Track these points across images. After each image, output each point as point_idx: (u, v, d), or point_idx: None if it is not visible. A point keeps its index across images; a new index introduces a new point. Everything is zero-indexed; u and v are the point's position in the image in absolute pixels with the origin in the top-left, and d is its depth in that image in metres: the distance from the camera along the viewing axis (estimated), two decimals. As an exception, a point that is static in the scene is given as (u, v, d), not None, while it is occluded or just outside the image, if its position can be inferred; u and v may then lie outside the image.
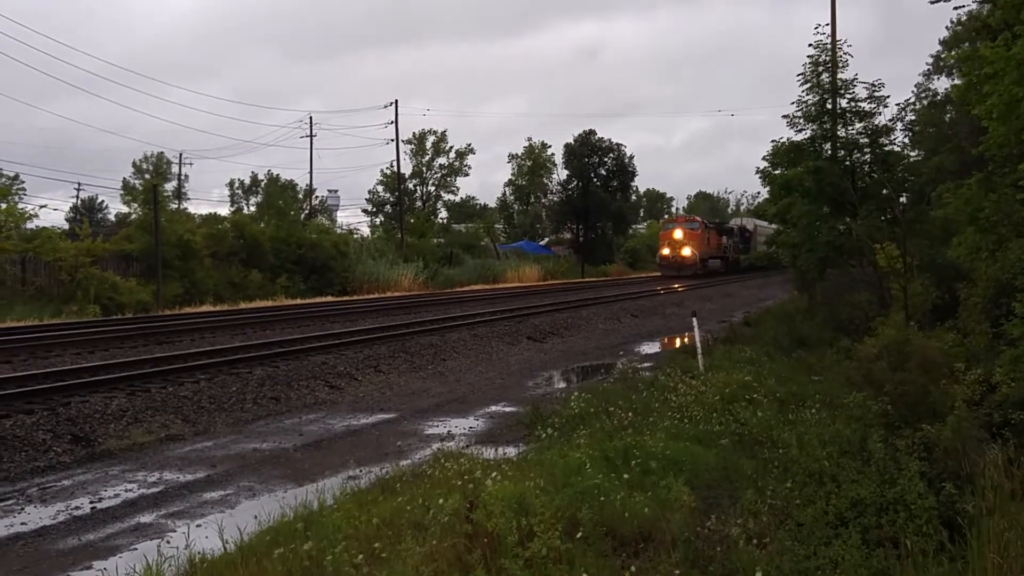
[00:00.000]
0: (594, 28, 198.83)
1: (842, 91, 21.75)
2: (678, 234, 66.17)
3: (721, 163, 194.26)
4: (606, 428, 10.70)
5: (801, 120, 22.17)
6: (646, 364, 18.54)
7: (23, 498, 9.77)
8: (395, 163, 77.46)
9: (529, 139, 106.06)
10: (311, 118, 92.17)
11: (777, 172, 23.28)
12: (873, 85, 21.30)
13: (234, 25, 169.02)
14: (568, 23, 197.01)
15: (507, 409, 14.82)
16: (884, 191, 21.28)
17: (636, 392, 13.39)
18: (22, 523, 8.88)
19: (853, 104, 21.63)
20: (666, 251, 66.75)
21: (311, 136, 76.30)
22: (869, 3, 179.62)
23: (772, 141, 23.23)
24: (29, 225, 41.01)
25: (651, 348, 23.41)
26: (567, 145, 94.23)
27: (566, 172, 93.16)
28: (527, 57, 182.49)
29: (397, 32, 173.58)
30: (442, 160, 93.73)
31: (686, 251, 65.10)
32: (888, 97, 21.33)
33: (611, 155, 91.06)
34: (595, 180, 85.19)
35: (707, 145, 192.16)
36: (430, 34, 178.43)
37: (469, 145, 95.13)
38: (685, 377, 14.02)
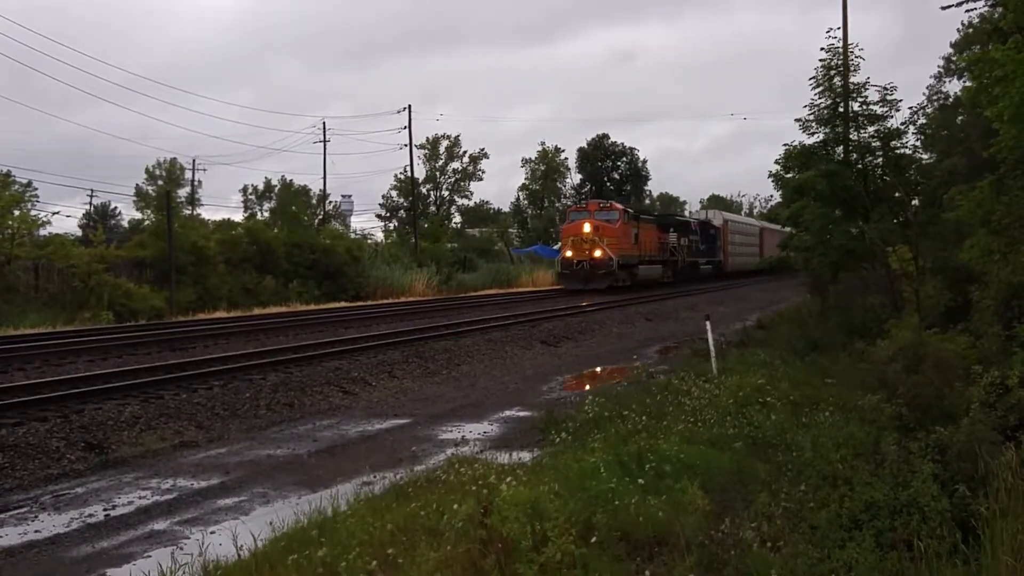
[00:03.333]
0: (621, 34, 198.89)
1: (854, 95, 21.74)
2: (587, 228, 45.70)
3: (742, 167, 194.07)
4: (620, 432, 10.69)
5: (813, 124, 22.17)
6: (660, 368, 18.51)
7: (37, 506, 9.80)
8: (408, 168, 77.56)
9: (543, 143, 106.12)
10: (324, 123, 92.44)
11: (790, 175, 23.28)
12: (885, 88, 21.30)
13: (264, 35, 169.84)
14: (595, 30, 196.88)
15: (521, 414, 14.83)
16: (896, 194, 21.27)
17: (650, 396, 13.37)
18: (36, 531, 8.91)
19: (865, 108, 21.61)
20: (569, 252, 46.39)
21: (324, 141, 76.49)
22: (892, 7, 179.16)
23: (784, 145, 23.24)
24: (42, 232, 41.22)
25: (664, 352, 23.36)
26: (580, 149, 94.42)
27: (579, 176, 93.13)
28: (553, 63, 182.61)
29: (425, 40, 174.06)
30: (455, 165, 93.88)
31: (597, 252, 45.08)
32: (900, 100, 21.33)
33: (624, 159, 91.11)
34: (608, 184, 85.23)
35: (728, 150, 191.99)
36: (457, 41, 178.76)
37: (483, 150, 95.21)
38: (699, 381, 14.01)
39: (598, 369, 20.77)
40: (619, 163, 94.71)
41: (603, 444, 10.05)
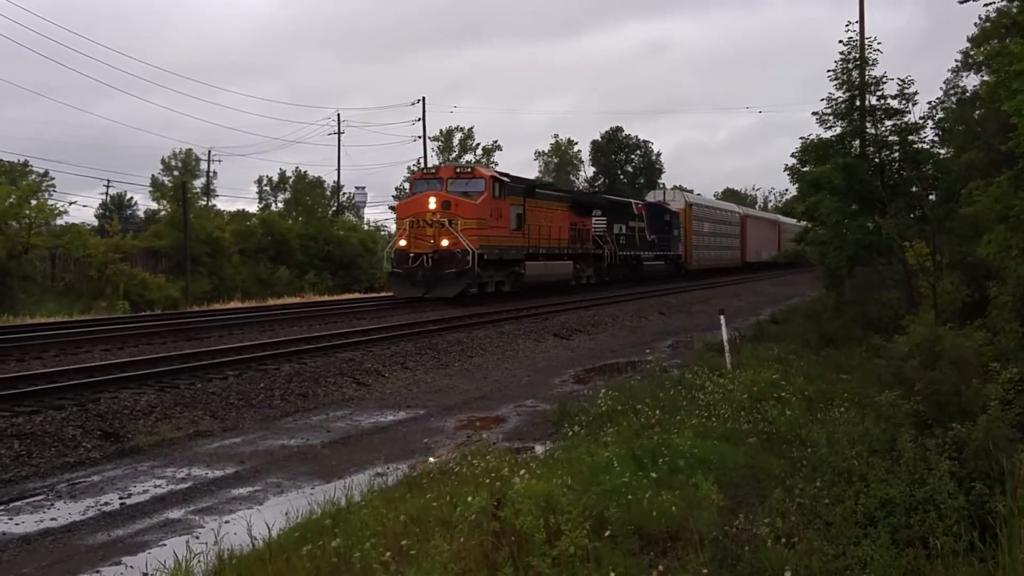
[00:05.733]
0: (646, 28, 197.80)
1: (872, 88, 21.62)
2: (432, 203, 30.94)
3: (762, 161, 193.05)
4: (633, 426, 10.67)
5: (831, 117, 22.06)
6: (673, 361, 18.49)
7: (53, 494, 9.84)
8: (422, 160, 77.54)
9: (556, 136, 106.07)
10: (338, 115, 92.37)
11: (806, 169, 23.18)
12: (903, 82, 21.18)
13: (291, 28, 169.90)
14: (620, 24, 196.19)
15: (534, 406, 14.83)
16: (913, 188, 21.16)
17: (663, 390, 13.34)
18: (52, 518, 8.94)
19: (883, 101, 21.50)
20: (403, 242, 31.36)
21: (339, 133, 76.55)
22: (915, 1, 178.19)
23: (800, 138, 23.14)
24: (59, 221, 41.40)
25: (678, 345, 23.32)
26: (594, 142, 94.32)
27: (593, 169, 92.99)
28: (577, 57, 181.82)
29: (451, 34, 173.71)
30: (469, 157, 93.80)
31: (445, 241, 30.38)
32: (917, 94, 21.21)
33: (638, 152, 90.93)
34: (621, 177, 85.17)
35: (749, 143, 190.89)
36: (483, 35, 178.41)
37: (495, 142, 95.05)
38: (712, 375, 13.96)
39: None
40: (633, 156, 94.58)
41: (616, 438, 10.04)
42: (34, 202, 39.92)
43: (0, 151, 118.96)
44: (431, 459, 10.59)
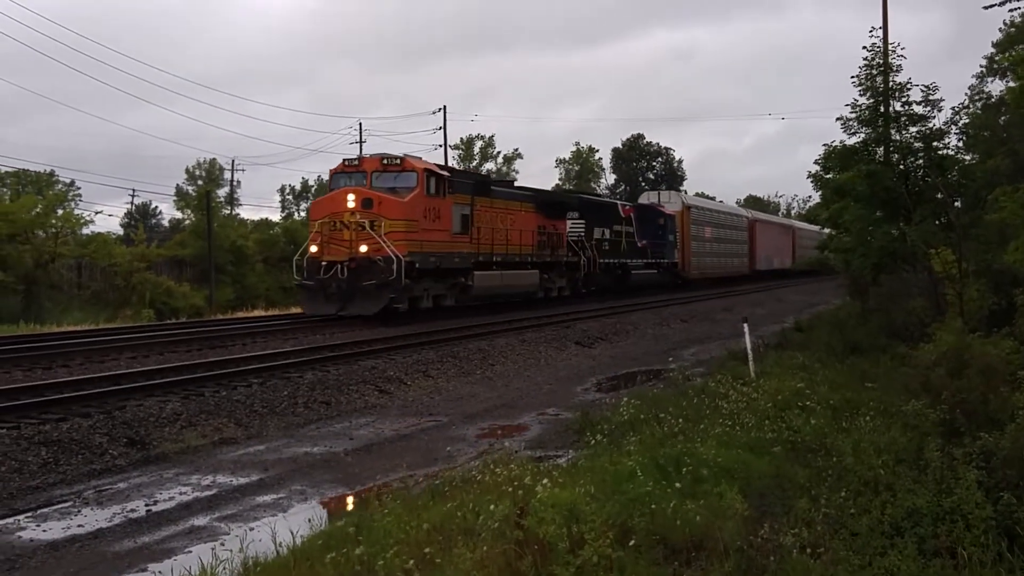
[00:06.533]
0: (671, 35, 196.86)
1: (896, 94, 21.50)
2: (351, 200, 25.67)
3: (786, 168, 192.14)
4: (657, 435, 10.64)
5: (855, 123, 21.95)
6: (696, 370, 18.43)
7: (80, 500, 9.91)
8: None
9: (576, 143, 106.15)
10: (360, 124, 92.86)
11: (829, 176, 23.08)
12: (927, 88, 21.05)
13: (316, 38, 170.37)
14: (645, 31, 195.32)
15: (556, 415, 14.82)
16: (938, 195, 21.01)
17: (686, 398, 13.30)
18: (79, 525, 9.01)
19: (907, 107, 21.38)
20: (314, 248, 26.04)
21: (360, 142, 76.74)
22: (941, 7, 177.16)
23: (824, 145, 23.05)
24: (85, 231, 41.80)
25: (701, 354, 23.23)
26: (615, 149, 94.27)
27: (614, 176, 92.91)
28: (601, 65, 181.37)
29: (475, 42, 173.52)
30: (489, 165, 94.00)
31: (363, 247, 25.19)
32: (942, 100, 21.07)
33: (660, 159, 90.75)
34: (643, 183, 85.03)
35: (774, 150, 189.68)
36: (507, 43, 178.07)
37: (516, 150, 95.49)
38: (736, 383, 13.91)
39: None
40: (654, 163, 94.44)
41: (639, 447, 10.02)
42: (60, 212, 40.37)
43: (27, 161, 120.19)
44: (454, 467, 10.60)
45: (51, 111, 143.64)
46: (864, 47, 21.68)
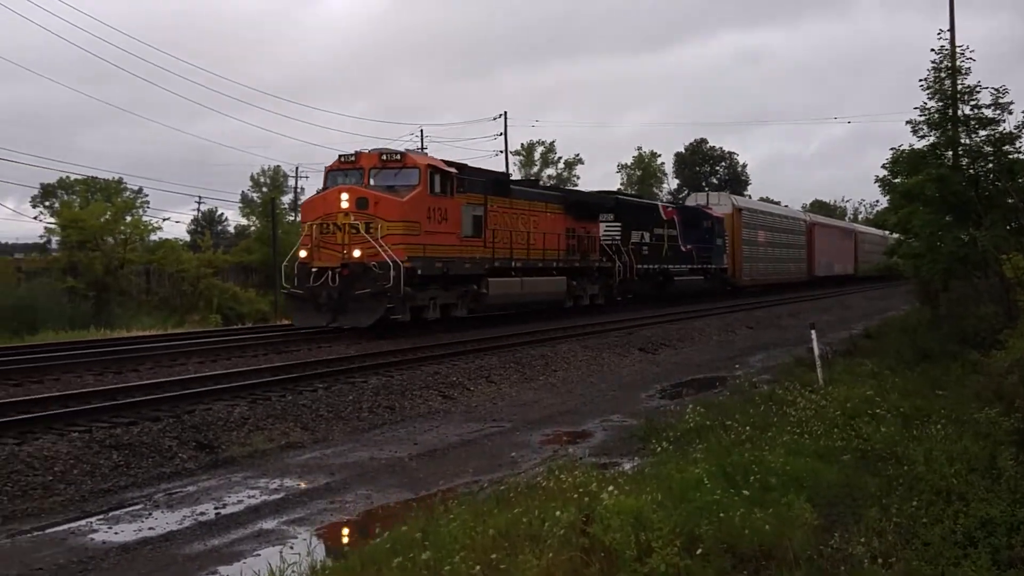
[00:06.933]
0: (738, 39, 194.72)
1: (964, 97, 21.12)
2: (344, 200, 23.19)
3: (854, 173, 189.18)
4: (723, 443, 10.54)
5: (923, 127, 21.61)
6: (763, 377, 18.24)
7: (151, 503, 10.08)
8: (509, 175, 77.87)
9: (639, 148, 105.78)
10: (422, 131, 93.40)
11: (897, 180, 22.74)
12: (997, 91, 20.65)
13: (384, 46, 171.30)
14: (712, 35, 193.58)
15: (620, 421, 14.75)
16: (1009, 200, 20.57)
17: (753, 406, 13.18)
18: (150, 528, 9.16)
19: (976, 111, 20.99)
20: (304, 252, 23.89)
21: (422, 149, 77.22)
22: (1014, 8, 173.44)
23: (891, 148, 22.72)
24: (153, 237, 42.55)
25: (767, 360, 23.00)
26: (678, 154, 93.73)
27: (676, 181, 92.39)
28: (667, 69, 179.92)
29: (540, 48, 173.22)
30: (550, 171, 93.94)
31: (357, 252, 22.87)
32: (1012, 103, 20.65)
33: (723, 163, 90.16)
34: (705, 188, 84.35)
35: (842, 154, 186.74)
36: (571, 49, 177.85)
37: (577, 155, 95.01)
38: (804, 391, 13.75)
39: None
40: (718, 167, 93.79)
41: (706, 454, 9.93)
42: (129, 218, 41.12)
43: (97, 169, 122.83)
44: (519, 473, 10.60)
45: (121, 120, 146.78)
46: (932, 50, 21.36)
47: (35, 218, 62.95)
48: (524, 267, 28.86)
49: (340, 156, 25.01)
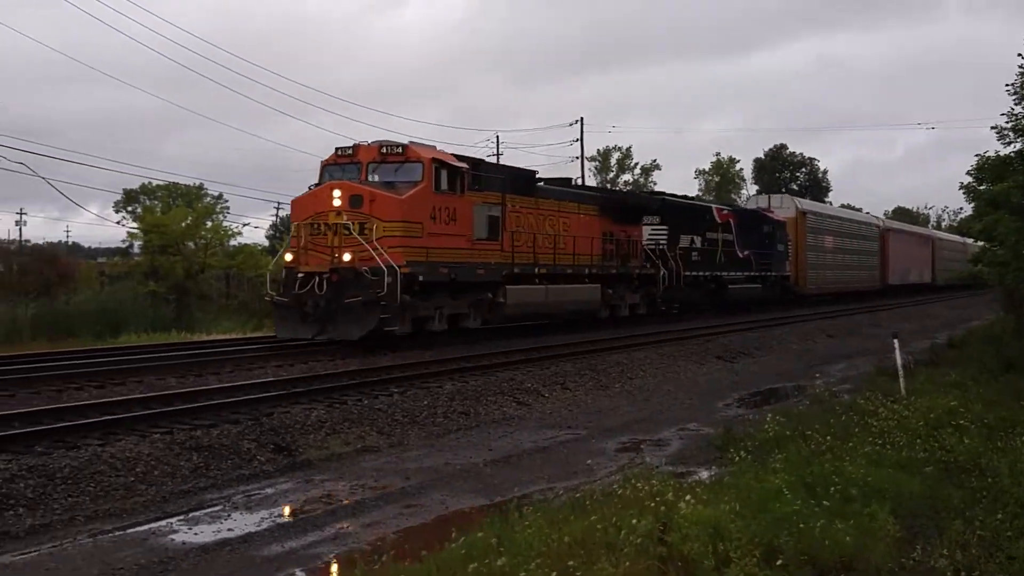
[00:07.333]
0: (818, 44, 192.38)
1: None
2: (337, 198, 21.08)
3: (938, 179, 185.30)
4: (803, 453, 10.39)
5: (1010, 133, 21.11)
6: (843, 386, 17.96)
7: (229, 505, 10.22)
8: (579, 181, 77.81)
9: (717, 154, 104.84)
10: (497, 137, 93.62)
11: (983, 187, 22.26)
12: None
13: (458, 52, 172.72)
14: (791, 40, 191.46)
15: (697, 430, 14.62)
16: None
17: (833, 416, 12.99)
18: (228, 529, 9.29)
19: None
20: (290, 256, 21.97)
21: (497, 155, 77.44)
22: None
23: (976, 155, 22.25)
24: (233, 242, 43.28)
25: (847, 370, 22.62)
26: (757, 160, 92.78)
27: (755, 187, 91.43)
28: (745, 74, 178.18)
29: (618, 53, 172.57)
30: (627, 177, 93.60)
31: (347, 256, 20.59)
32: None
33: (803, 169, 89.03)
34: (784, 194, 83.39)
35: (925, 161, 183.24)
36: (650, 54, 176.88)
37: (655, 161, 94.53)
38: (886, 401, 13.53)
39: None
40: (798, 174, 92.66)
41: (785, 464, 9.79)
42: (209, 223, 41.88)
43: (177, 175, 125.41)
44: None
45: (201, 126, 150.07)
46: (1019, 54, 20.86)
47: (118, 223, 64.28)
48: (550, 274, 26.54)
49: (337, 149, 22.78)
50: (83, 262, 43.66)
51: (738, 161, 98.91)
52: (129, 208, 67.66)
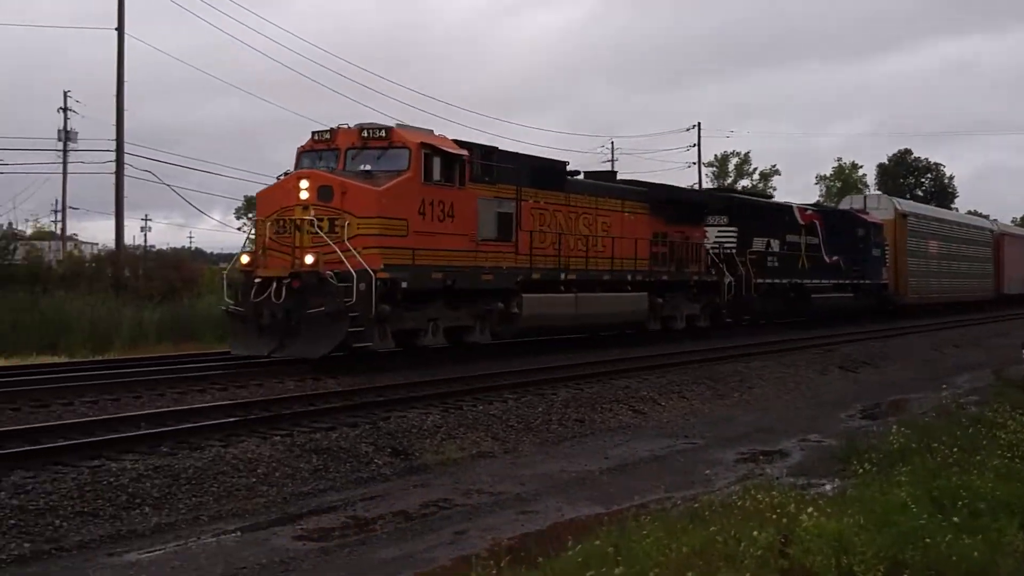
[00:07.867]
0: (950, 46, 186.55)
1: None
2: (304, 190, 17.61)
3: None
4: (929, 466, 10.08)
5: None
6: (970, 398, 17.36)
7: (348, 506, 10.37)
8: (696, 186, 77.09)
9: (839, 159, 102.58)
10: (612, 143, 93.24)
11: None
12: None
13: (578, 59, 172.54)
14: (920, 44, 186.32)
15: (819, 441, 14.34)
16: None
17: (960, 428, 12.56)
18: (347, 530, 9.41)
19: None
20: (246, 258, 18.74)
21: (612, 160, 77.23)
22: None
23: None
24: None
25: (974, 381, 21.87)
26: (880, 165, 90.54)
27: (879, 193, 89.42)
28: (871, 79, 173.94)
29: (737, 58, 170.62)
30: (745, 182, 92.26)
31: (309, 258, 17.22)
32: None
33: (928, 175, 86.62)
34: (909, 200, 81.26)
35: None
36: (771, 59, 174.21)
37: (774, 166, 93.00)
38: (1015, 413, 13.02)
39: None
40: (923, 180, 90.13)
41: (910, 477, 9.51)
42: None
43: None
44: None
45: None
46: None
47: (239, 228, 66.05)
48: (581, 280, 23.24)
49: (313, 134, 19.54)
50: (205, 267, 44.74)
51: (861, 167, 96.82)
52: (250, 215, 69.53)
